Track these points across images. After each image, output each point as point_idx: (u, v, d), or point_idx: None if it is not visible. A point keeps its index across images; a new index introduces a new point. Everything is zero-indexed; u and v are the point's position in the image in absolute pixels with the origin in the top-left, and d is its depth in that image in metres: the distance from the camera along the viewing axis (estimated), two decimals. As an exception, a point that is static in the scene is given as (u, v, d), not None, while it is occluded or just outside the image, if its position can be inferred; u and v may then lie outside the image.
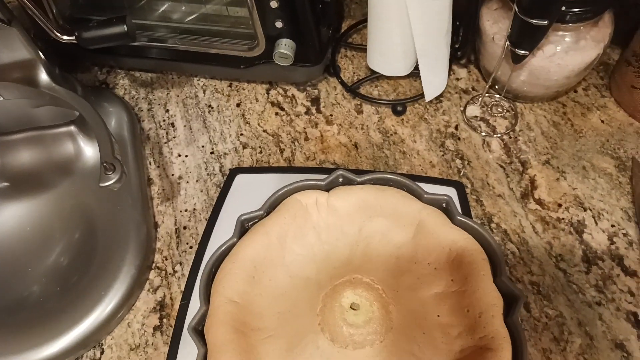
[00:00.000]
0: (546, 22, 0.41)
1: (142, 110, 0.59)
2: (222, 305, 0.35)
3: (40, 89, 0.45)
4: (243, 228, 0.40)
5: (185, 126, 0.57)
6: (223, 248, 0.38)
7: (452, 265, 0.38)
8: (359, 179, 0.41)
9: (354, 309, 0.36)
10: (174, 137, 0.57)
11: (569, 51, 0.48)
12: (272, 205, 0.41)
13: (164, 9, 0.55)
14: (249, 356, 0.34)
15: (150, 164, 0.55)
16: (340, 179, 0.42)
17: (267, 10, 0.48)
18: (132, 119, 0.55)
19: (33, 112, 0.48)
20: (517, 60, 0.47)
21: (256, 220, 0.40)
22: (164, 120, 0.58)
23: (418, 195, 0.40)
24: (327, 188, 0.42)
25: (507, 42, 0.47)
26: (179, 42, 0.55)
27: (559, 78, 0.50)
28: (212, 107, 0.59)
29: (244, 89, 0.60)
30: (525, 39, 0.44)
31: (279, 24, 0.50)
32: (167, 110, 0.59)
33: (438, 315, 0.37)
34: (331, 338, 0.35)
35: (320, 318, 0.35)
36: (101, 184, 0.38)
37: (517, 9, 0.42)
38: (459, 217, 0.39)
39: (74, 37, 0.42)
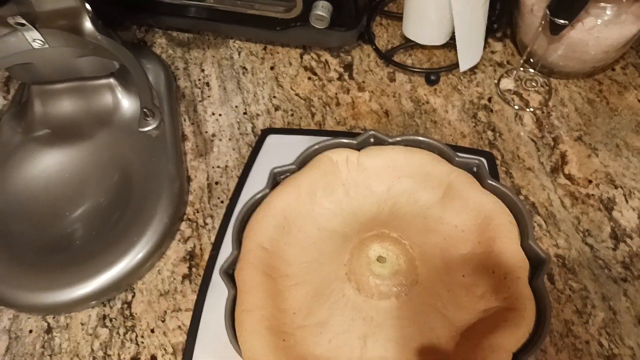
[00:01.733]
0: (590, -11, 0.41)
1: (178, 69, 0.60)
2: (253, 249, 0.36)
3: (85, 37, 0.46)
4: (275, 180, 0.41)
5: (219, 86, 0.58)
6: (256, 197, 0.39)
7: (480, 228, 0.38)
8: (390, 140, 0.42)
9: (380, 262, 0.36)
10: (209, 97, 0.58)
11: (609, 24, 0.47)
12: (304, 161, 0.42)
13: (204, -30, 0.56)
14: (277, 299, 0.35)
15: (185, 120, 0.56)
16: (372, 139, 0.43)
17: (306, -29, 0.49)
18: (168, 76, 0.57)
19: (75, 62, 0.49)
20: (556, 31, 0.47)
21: (288, 173, 0.41)
22: (199, 80, 0.59)
23: (449, 158, 0.41)
24: (359, 147, 0.42)
25: (547, 12, 0.46)
26: (217, 1, 0.55)
27: (596, 52, 0.49)
28: (247, 69, 0.59)
29: (278, 53, 0.60)
30: (565, 7, 0.44)
31: (317, -14, 0.50)
32: (203, 70, 0.60)
33: (463, 275, 0.38)
34: (357, 287, 0.36)
35: (347, 268, 0.36)
36: (140, 129, 0.40)
37: (560, -24, 0.42)
38: (489, 181, 0.39)
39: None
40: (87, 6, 0.46)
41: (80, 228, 0.48)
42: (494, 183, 0.39)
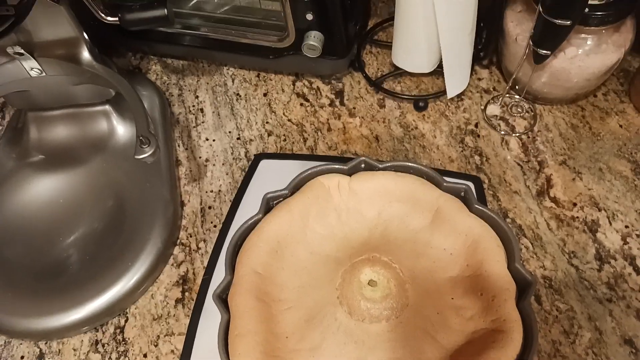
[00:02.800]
0: (569, 22, 0.43)
1: (172, 95, 0.61)
2: (246, 275, 0.37)
3: (82, 66, 0.47)
4: (268, 205, 0.41)
5: (213, 112, 0.60)
6: (249, 223, 0.40)
7: (468, 251, 0.39)
8: (380, 166, 0.43)
9: (371, 285, 0.37)
10: (203, 122, 0.59)
11: (590, 54, 0.49)
12: (296, 186, 0.43)
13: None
14: (270, 324, 0.36)
15: (179, 146, 0.57)
16: (363, 165, 0.44)
17: (298, 2, 0.50)
18: (163, 103, 0.58)
19: (71, 89, 0.50)
20: (539, 60, 0.49)
21: (281, 199, 0.42)
22: (193, 106, 0.60)
23: (437, 183, 0.42)
24: (350, 173, 0.43)
25: (530, 42, 0.48)
26: (211, 30, 0.57)
27: (579, 80, 0.51)
28: (240, 96, 0.61)
29: (271, 80, 0.62)
30: (547, 39, 0.46)
31: (309, 17, 0.51)
32: (197, 97, 0.61)
33: (452, 298, 0.38)
34: (349, 311, 0.36)
35: (339, 292, 0.37)
36: (136, 156, 0.40)
37: (541, 9, 0.44)
38: (476, 206, 0.40)
39: (117, 19, 0.44)
40: (85, 36, 0.47)
41: (74, 253, 0.49)
42: (481, 207, 0.40)
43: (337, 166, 0.43)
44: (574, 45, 0.49)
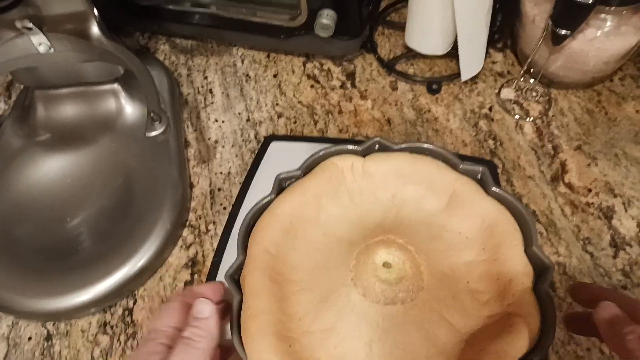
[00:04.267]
0: (591, 0, 0.42)
1: (181, 76, 0.60)
2: (259, 254, 0.36)
3: (92, 42, 0.46)
4: (281, 186, 0.41)
5: (222, 93, 0.59)
6: (262, 203, 0.39)
7: (484, 235, 0.38)
8: (395, 147, 0.42)
9: (386, 267, 0.36)
10: (212, 103, 0.58)
11: (609, 35, 0.48)
12: (309, 167, 0.42)
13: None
14: (283, 304, 0.35)
15: (187, 127, 0.56)
16: (377, 146, 0.43)
17: (312, -20, 0.49)
18: (171, 83, 0.57)
19: (80, 67, 0.50)
20: (558, 41, 0.48)
21: (293, 179, 0.41)
22: (202, 87, 0.59)
23: (454, 165, 0.41)
24: (364, 154, 0.43)
25: (549, 23, 0.47)
26: (221, 8, 0.56)
27: (596, 63, 0.50)
28: (250, 77, 0.60)
29: (281, 61, 0.61)
30: (568, 18, 0.45)
31: (322, -5, 0.51)
32: (206, 77, 0.60)
33: (468, 282, 0.38)
34: (363, 293, 0.36)
35: (353, 274, 0.36)
36: (147, 133, 0.40)
37: (562, -12, 0.43)
38: (493, 189, 0.39)
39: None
40: (95, 11, 0.46)
41: (82, 234, 0.48)
42: (498, 191, 0.39)
43: (350, 147, 0.42)
44: (593, 27, 0.48)
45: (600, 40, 0.48)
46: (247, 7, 0.55)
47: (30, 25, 0.43)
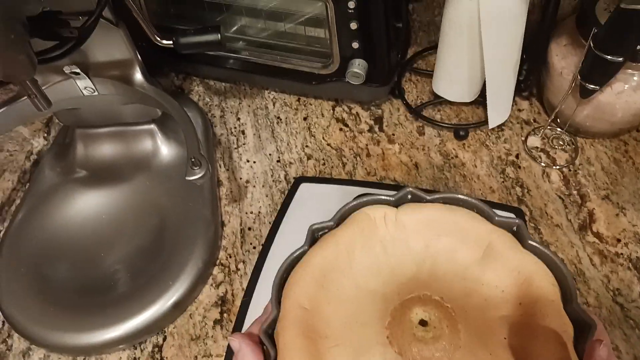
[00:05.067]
0: (621, 59, 0.43)
1: (214, 117, 0.62)
2: (293, 310, 0.36)
3: (134, 86, 0.48)
4: (314, 237, 0.41)
5: (254, 134, 0.60)
6: (295, 255, 0.39)
7: (521, 289, 0.38)
8: (428, 197, 0.43)
9: (423, 325, 0.36)
10: (244, 144, 0.60)
11: (637, 89, 0.49)
12: (342, 217, 0.42)
13: (242, 24, 0.58)
14: (317, 360, 0.35)
15: (220, 166, 0.58)
16: (409, 196, 0.43)
17: (345, 31, 0.51)
18: (205, 123, 0.59)
19: (119, 108, 0.52)
20: (586, 94, 0.49)
21: (326, 230, 0.42)
22: (235, 128, 0.61)
23: (488, 217, 0.41)
24: (396, 204, 0.43)
25: (578, 76, 0.48)
26: (255, 54, 0.58)
27: (624, 115, 0.51)
28: (281, 119, 0.61)
29: (311, 104, 0.62)
30: (597, 74, 0.46)
31: (355, 45, 0.52)
32: (239, 119, 0.62)
33: (505, 337, 0.37)
34: (399, 352, 0.35)
35: (388, 331, 0.36)
36: (187, 178, 0.41)
37: (592, 44, 0.44)
38: (530, 242, 0.39)
39: (171, 42, 0.45)
40: (139, 57, 0.48)
41: (116, 271, 0.49)
42: (535, 244, 0.39)
43: (383, 197, 0.43)
44: (620, 81, 0.49)
45: (628, 93, 0.49)
46: (280, 55, 0.57)
47: (78, 70, 0.46)
